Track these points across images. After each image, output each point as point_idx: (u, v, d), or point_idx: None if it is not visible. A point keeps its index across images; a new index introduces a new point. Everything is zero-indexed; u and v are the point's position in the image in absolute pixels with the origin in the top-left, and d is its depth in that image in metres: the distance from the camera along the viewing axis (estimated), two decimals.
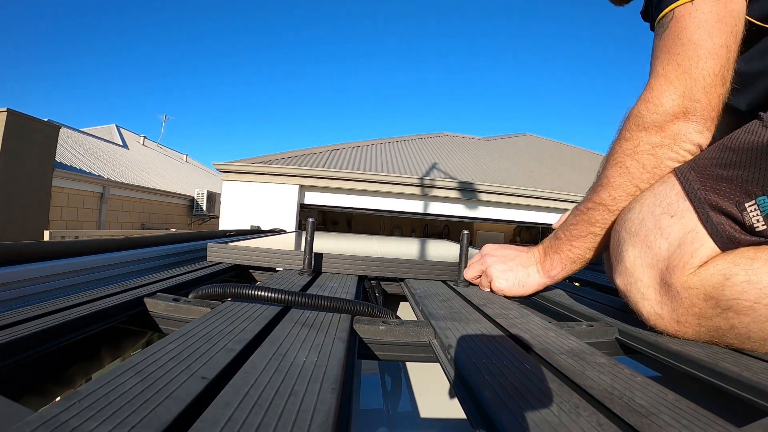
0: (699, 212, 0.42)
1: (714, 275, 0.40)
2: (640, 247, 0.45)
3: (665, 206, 0.45)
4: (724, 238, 0.41)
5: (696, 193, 0.43)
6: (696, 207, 0.43)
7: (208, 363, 0.27)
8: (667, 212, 0.44)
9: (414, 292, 0.64)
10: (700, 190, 0.43)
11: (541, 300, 0.69)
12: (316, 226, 0.71)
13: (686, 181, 0.45)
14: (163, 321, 0.44)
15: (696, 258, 0.41)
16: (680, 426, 0.24)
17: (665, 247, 0.43)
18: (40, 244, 0.58)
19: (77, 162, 6.90)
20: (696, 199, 0.43)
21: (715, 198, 0.42)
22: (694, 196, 0.43)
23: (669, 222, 0.44)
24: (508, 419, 0.24)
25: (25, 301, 0.46)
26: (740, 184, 0.41)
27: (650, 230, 0.45)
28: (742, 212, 0.40)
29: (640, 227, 0.46)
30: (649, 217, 0.46)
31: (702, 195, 0.43)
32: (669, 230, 0.44)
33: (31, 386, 0.36)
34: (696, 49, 0.46)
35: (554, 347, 0.38)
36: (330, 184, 5.10)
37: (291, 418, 0.21)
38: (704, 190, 0.43)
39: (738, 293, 0.38)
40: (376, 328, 0.42)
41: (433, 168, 6.19)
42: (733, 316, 0.39)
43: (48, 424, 0.18)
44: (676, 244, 0.43)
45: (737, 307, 0.39)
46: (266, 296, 0.42)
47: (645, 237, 0.45)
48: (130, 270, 0.68)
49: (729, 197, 0.41)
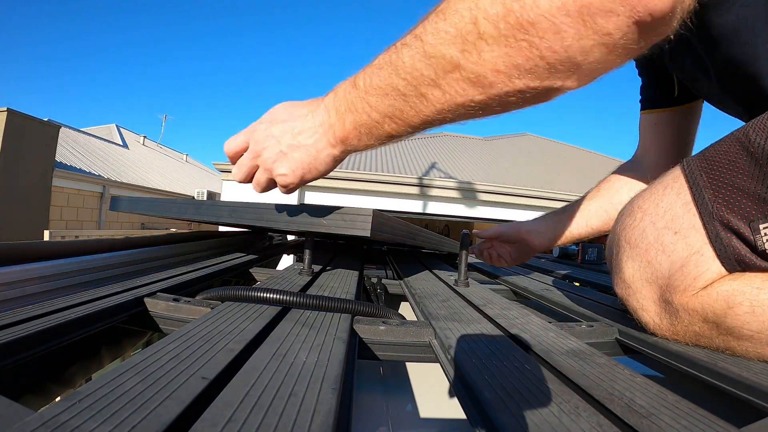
0: (707, 228, 0.38)
1: (717, 301, 0.37)
2: (639, 261, 0.42)
3: (669, 219, 0.40)
4: (732, 260, 0.37)
5: (706, 206, 0.38)
6: (705, 222, 0.38)
7: (208, 363, 0.27)
8: (671, 227, 0.40)
9: (414, 292, 0.64)
10: (711, 201, 0.38)
11: (541, 300, 0.69)
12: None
13: (696, 187, 0.39)
14: (163, 321, 0.44)
15: (699, 281, 0.38)
16: (680, 427, 0.24)
17: (667, 266, 0.40)
18: (40, 244, 0.58)
19: (77, 162, 6.90)
20: (706, 212, 0.38)
21: (726, 214, 0.37)
22: (704, 208, 0.38)
23: (672, 239, 0.40)
24: (508, 419, 0.24)
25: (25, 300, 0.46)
26: (757, 201, 0.36)
27: (651, 244, 0.41)
28: (755, 234, 0.36)
29: (641, 239, 0.42)
30: (651, 229, 0.41)
31: (713, 209, 0.38)
32: (672, 248, 0.40)
33: (31, 386, 0.36)
34: None
35: (554, 347, 0.38)
36: (330, 184, 5.10)
37: (291, 418, 0.21)
38: (716, 201, 0.38)
39: (740, 323, 0.36)
40: (376, 329, 0.42)
41: (433, 168, 6.19)
42: (732, 339, 0.38)
43: (48, 424, 0.18)
44: (678, 264, 0.39)
45: (738, 334, 0.37)
46: (277, 299, 0.42)
47: (645, 251, 0.41)
48: (130, 270, 0.68)
49: (742, 215, 0.36)
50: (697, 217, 0.39)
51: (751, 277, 0.37)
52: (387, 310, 0.47)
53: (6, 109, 4.90)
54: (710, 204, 0.38)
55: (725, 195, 0.37)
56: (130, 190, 7.39)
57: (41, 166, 5.42)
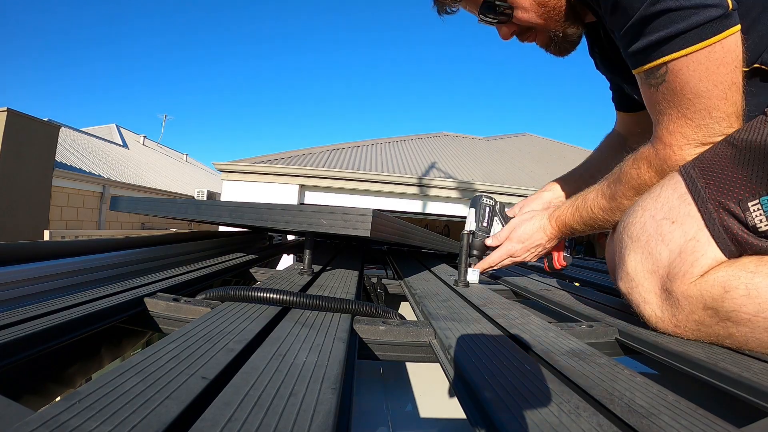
0: (702, 212, 0.41)
1: (714, 287, 0.39)
2: (641, 253, 0.45)
3: (666, 211, 0.44)
4: (725, 240, 0.40)
5: (699, 192, 0.42)
6: (699, 207, 0.42)
7: (208, 363, 0.27)
8: (668, 217, 0.43)
9: (414, 292, 0.64)
10: (704, 188, 0.42)
11: (541, 300, 0.69)
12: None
13: (689, 178, 0.44)
14: (163, 321, 0.44)
15: (696, 267, 0.41)
16: (680, 427, 0.24)
17: (666, 254, 0.43)
18: (40, 244, 0.58)
19: (77, 162, 6.90)
20: (699, 197, 0.42)
21: (718, 196, 0.41)
22: (697, 194, 0.42)
23: (670, 228, 0.43)
24: (508, 419, 0.24)
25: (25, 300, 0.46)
26: (744, 183, 0.40)
27: (651, 236, 0.44)
28: (744, 212, 0.39)
29: (642, 232, 0.45)
30: (651, 222, 0.45)
31: (705, 193, 0.42)
32: (670, 237, 0.43)
33: (31, 386, 0.36)
34: (704, 100, 0.44)
35: (554, 347, 0.38)
36: (330, 184, 5.10)
37: (291, 418, 0.21)
38: (708, 188, 0.42)
39: (737, 306, 0.38)
40: (376, 329, 0.42)
41: (433, 168, 6.18)
42: (731, 325, 0.39)
43: (48, 424, 0.18)
44: (676, 251, 0.42)
45: (736, 319, 0.39)
46: (277, 299, 0.42)
47: (646, 243, 0.45)
48: (130, 270, 0.68)
49: (732, 196, 0.40)
50: (692, 205, 0.42)
51: (746, 262, 0.39)
52: (387, 310, 0.47)
53: (6, 109, 4.90)
54: (703, 191, 0.42)
55: (716, 182, 0.41)
56: (130, 190, 7.39)
57: (41, 166, 5.42)
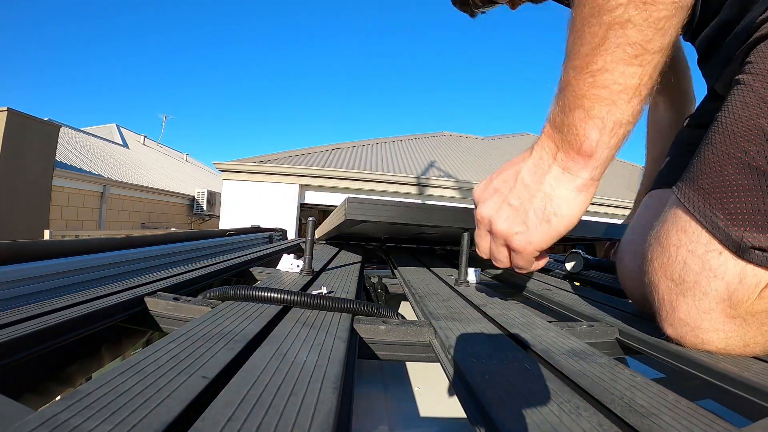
0: (744, 258, 0.37)
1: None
2: (692, 295, 0.39)
3: (706, 242, 0.38)
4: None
5: (735, 243, 0.37)
6: (740, 255, 0.37)
7: (208, 362, 0.27)
8: (712, 248, 0.38)
9: (414, 291, 0.64)
10: (735, 234, 0.36)
11: (541, 300, 0.69)
12: (316, 226, 0.71)
13: (714, 228, 0.38)
14: (163, 320, 0.44)
15: (760, 287, 0.37)
16: (680, 426, 0.24)
17: (723, 287, 0.38)
18: (40, 243, 0.58)
19: (77, 161, 6.90)
20: (736, 247, 0.37)
21: (751, 238, 0.36)
22: (731, 244, 0.37)
23: (720, 260, 0.37)
24: (508, 419, 0.24)
25: (25, 299, 0.46)
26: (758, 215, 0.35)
27: (699, 274, 0.38)
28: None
29: (686, 272, 0.39)
30: (691, 258, 0.39)
31: (739, 241, 0.36)
32: (723, 269, 0.37)
33: (31, 385, 0.36)
34: None
35: (554, 347, 0.38)
36: (330, 184, 5.10)
37: (291, 417, 0.21)
38: (739, 231, 0.36)
39: None
40: (377, 328, 0.42)
41: (433, 167, 6.19)
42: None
43: (48, 423, 0.18)
44: (736, 281, 0.37)
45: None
46: (278, 298, 0.42)
47: (695, 282, 0.39)
48: (130, 269, 0.68)
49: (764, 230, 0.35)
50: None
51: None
52: (387, 309, 0.47)
53: (6, 108, 4.90)
54: (735, 237, 0.37)
55: (743, 221, 0.37)
56: (131, 190, 7.40)
57: (41, 165, 5.42)
